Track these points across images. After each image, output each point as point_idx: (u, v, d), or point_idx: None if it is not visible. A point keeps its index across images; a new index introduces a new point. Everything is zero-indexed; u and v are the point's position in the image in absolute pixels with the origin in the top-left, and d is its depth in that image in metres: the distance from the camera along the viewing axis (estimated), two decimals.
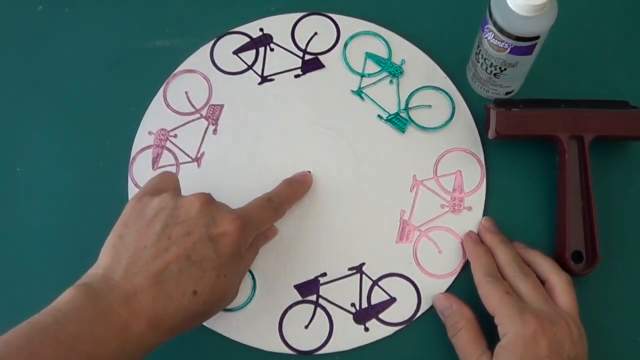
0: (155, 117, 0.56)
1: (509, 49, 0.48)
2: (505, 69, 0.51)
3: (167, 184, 0.47)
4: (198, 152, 0.55)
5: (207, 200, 0.44)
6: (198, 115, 0.56)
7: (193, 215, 0.43)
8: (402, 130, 0.55)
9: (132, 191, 0.54)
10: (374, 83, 0.57)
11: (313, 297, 0.51)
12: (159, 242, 0.41)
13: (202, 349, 0.50)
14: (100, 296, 0.39)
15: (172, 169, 0.55)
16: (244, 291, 0.51)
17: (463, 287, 0.51)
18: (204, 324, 0.50)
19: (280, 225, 0.53)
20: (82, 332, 0.38)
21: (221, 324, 0.51)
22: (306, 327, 0.51)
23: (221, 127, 0.56)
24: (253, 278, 0.52)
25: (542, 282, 0.48)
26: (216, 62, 0.58)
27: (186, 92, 0.57)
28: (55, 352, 0.37)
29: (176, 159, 0.55)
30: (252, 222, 0.45)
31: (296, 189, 0.52)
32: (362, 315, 0.51)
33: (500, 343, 0.44)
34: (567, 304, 0.46)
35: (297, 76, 0.57)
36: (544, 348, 0.43)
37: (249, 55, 0.58)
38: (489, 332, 0.46)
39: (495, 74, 0.52)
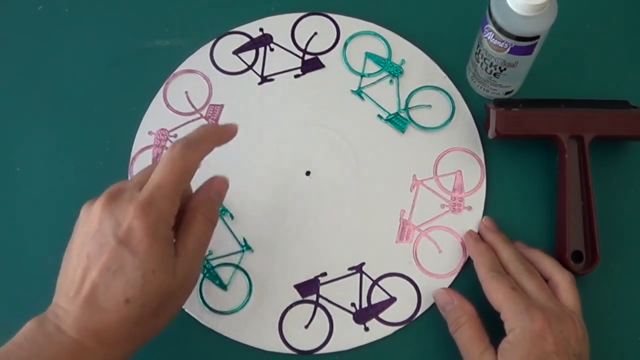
0: (155, 117, 0.56)
1: (508, 49, 0.48)
2: (505, 69, 0.51)
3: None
4: None
5: (105, 203, 0.40)
6: (198, 115, 0.56)
7: (97, 223, 0.40)
8: (402, 130, 0.56)
9: None
10: (373, 83, 0.57)
11: (313, 297, 0.51)
12: (81, 264, 0.40)
13: (202, 349, 0.50)
14: (49, 322, 0.40)
15: None
16: (241, 292, 0.51)
17: (463, 287, 0.51)
18: (204, 323, 0.50)
19: (280, 225, 0.53)
20: (32, 355, 0.38)
21: (221, 324, 0.51)
22: (306, 327, 0.51)
23: None
24: (249, 279, 0.52)
25: (546, 280, 0.48)
26: (216, 62, 0.58)
27: (186, 92, 0.57)
28: None
29: None
30: (158, 193, 0.40)
31: (211, 128, 0.46)
32: (362, 315, 0.51)
33: (506, 338, 0.44)
34: (571, 302, 0.46)
35: (297, 76, 0.57)
36: (551, 344, 0.42)
37: (249, 55, 0.58)
38: (490, 329, 0.46)
39: (495, 74, 0.52)
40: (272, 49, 0.58)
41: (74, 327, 0.39)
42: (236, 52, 0.58)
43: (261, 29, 0.59)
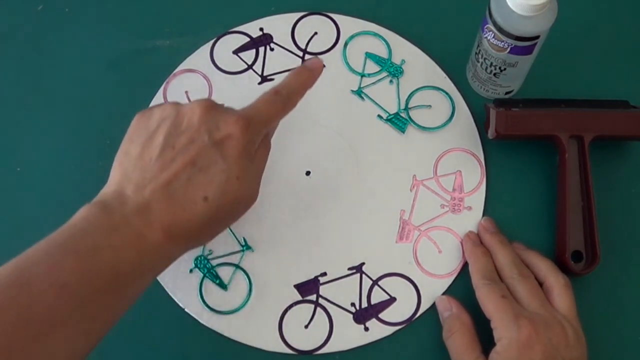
0: None
1: (508, 49, 0.48)
2: (505, 69, 0.51)
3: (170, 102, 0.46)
4: None
5: (208, 105, 0.43)
6: None
7: (195, 121, 0.42)
8: (402, 130, 0.56)
9: None
10: (374, 83, 0.57)
11: (313, 297, 0.51)
12: (163, 154, 0.41)
13: (202, 349, 0.50)
14: (114, 210, 0.40)
15: None
16: (241, 292, 0.51)
17: (463, 286, 0.51)
18: (204, 323, 0.50)
19: (280, 225, 0.53)
20: (100, 244, 0.38)
21: (221, 324, 0.51)
22: (306, 326, 0.51)
23: None
24: (249, 279, 0.52)
25: (541, 283, 0.48)
26: (216, 61, 0.58)
27: (186, 92, 0.57)
28: (76, 263, 0.37)
29: None
30: (258, 119, 0.44)
31: (305, 77, 0.48)
32: (362, 315, 0.51)
33: (495, 348, 0.44)
34: (564, 307, 0.46)
35: None
36: (539, 353, 0.43)
37: (249, 55, 0.58)
38: (490, 338, 0.46)
39: (495, 74, 0.52)
40: (272, 49, 0.58)
41: (142, 218, 0.40)
42: (236, 52, 0.58)
43: (261, 29, 0.59)
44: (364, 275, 0.52)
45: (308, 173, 0.54)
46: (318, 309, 0.51)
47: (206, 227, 0.42)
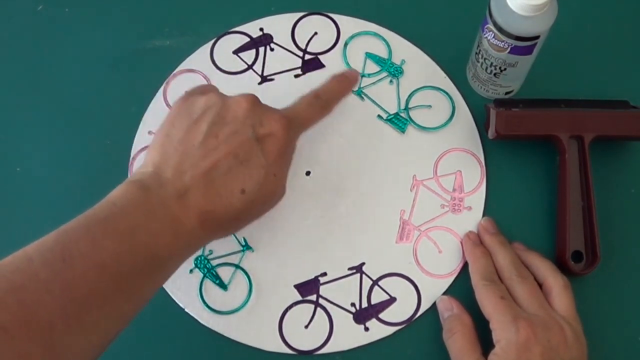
0: (155, 116, 0.56)
1: (509, 49, 0.48)
2: (505, 69, 0.51)
3: (211, 88, 0.47)
4: None
5: (254, 101, 0.44)
6: None
7: (240, 115, 0.43)
8: (402, 130, 0.56)
9: None
10: (374, 83, 0.57)
11: (313, 297, 0.51)
12: (206, 141, 0.42)
13: (202, 349, 0.50)
14: (153, 192, 0.40)
15: None
16: (241, 292, 0.51)
17: (463, 287, 0.51)
18: (204, 323, 0.50)
19: (280, 225, 0.53)
20: (139, 224, 0.39)
21: (221, 324, 0.51)
22: (306, 326, 0.51)
23: None
24: (249, 279, 0.52)
25: (540, 284, 0.48)
26: (216, 61, 0.58)
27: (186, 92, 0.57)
28: (115, 242, 0.38)
29: None
30: (297, 121, 0.46)
31: (344, 85, 0.51)
32: (362, 315, 0.51)
33: (493, 350, 0.44)
34: (563, 307, 0.46)
35: (297, 76, 0.57)
36: (537, 355, 0.43)
37: (249, 55, 0.58)
38: (490, 339, 0.46)
39: (495, 74, 0.52)
40: (272, 49, 0.58)
41: (180, 202, 0.40)
42: (236, 52, 0.58)
43: (261, 29, 0.59)
44: (364, 275, 0.52)
45: (308, 173, 0.54)
46: (318, 309, 0.51)
47: (238, 219, 0.43)
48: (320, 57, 0.58)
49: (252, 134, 0.43)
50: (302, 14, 0.59)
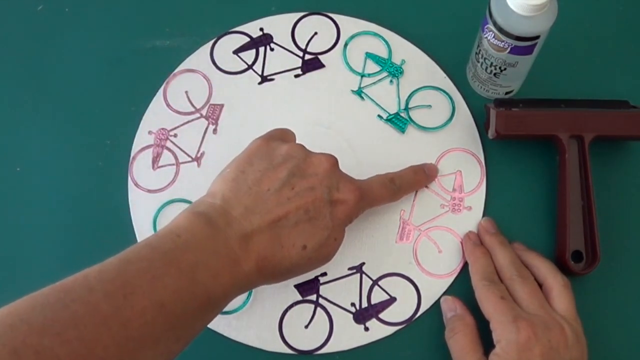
0: (156, 116, 0.56)
1: (509, 49, 0.48)
2: (505, 69, 0.51)
3: (290, 137, 0.47)
4: (198, 151, 0.55)
5: (335, 164, 0.45)
6: (198, 115, 0.56)
7: (320, 173, 0.44)
8: (402, 130, 0.56)
9: (132, 191, 0.54)
10: (374, 83, 0.57)
11: (313, 297, 0.51)
12: (282, 189, 0.42)
13: (202, 349, 0.50)
14: (219, 229, 0.40)
15: (172, 169, 0.55)
16: None
17: (463, 286, 0.51)
18: None
19: None
20: (201, 262, 0.38)
21: (221, 324, 0.51)
22: (306, 326, 0.51)
23: (221, 126, 0.56)
24: None
25: (540, 284, 0.48)
26: (216, 61, 0.58)
27: (186, 92, 0.57)
28: (176, 279, 0.37)
29: (176, 158, 0.55)
30: (369, 197, 0.47)
31: (420, 177, 0.52)
32: (362, 315, 0.51)
33: (494, 350, 0.44)
34: (563, 307, 0.46)
35: (297, 76, 0.57)
36: (537, 355, 0.43)
37: (249, 55, 0.58)
38: (490, 338, 0.46)
39: (495, 74, 0.52)
40: (272, 49, 0.58)
41: (243, 244, 0.40)
42: (236, 52, 0.58)
43: (261, 29, 0.59)
44: (364, 275, 0.52)
45: None
46: (318, 309, 0.51)
47: (291, 271, 0.43)
48: (320, 57, 0.58)
49: (327, 194, 0.43)
50: (302, 14, 0.59)
